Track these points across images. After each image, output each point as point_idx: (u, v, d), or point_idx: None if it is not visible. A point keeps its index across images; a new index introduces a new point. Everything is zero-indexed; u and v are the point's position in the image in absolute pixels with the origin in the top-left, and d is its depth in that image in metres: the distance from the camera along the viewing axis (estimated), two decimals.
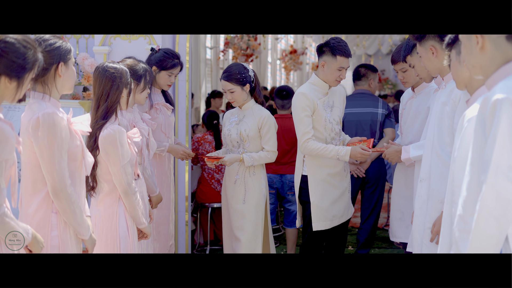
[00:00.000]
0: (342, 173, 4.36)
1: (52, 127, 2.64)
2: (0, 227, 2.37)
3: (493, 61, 2.11)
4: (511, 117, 1.93)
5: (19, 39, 2.35)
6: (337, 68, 4.14)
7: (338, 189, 4.32)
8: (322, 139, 4.22)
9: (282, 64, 16.68)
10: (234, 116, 4.42)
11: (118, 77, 3.22)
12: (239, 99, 4.31)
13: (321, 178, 4.25)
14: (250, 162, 4.24)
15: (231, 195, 4.37)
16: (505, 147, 1.94)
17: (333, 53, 4.11)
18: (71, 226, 2.79)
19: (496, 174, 1.95)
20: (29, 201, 2.77)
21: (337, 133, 4.30)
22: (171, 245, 4.60)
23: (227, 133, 4.39)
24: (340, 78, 4.19)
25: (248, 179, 4.31)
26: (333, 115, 4.26)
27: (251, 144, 4.31)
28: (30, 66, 2.38)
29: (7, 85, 2.34)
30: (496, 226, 1.95)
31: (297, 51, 15.89)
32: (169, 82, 4.45)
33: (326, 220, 4.27)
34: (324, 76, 4.21)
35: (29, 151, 2.70)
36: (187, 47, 5.11)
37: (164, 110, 4.41)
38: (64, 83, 2.81)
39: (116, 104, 3.21)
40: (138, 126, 3.61)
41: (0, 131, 2.30)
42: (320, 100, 4.19)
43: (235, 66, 4.35)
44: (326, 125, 4.21)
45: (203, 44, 11.16)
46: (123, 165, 3.16)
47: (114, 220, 3.23)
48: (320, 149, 4.11)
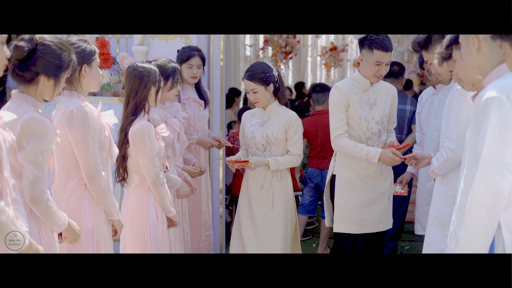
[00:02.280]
0: (377, 177, 4.11)
1: (85, 117, 2.92)
2: (45, 211, 2.65)
3: (489, 61, 2.25)
4: (500, 114, 2.10)
5: (55, 42, 2.67)
6: (374, 62, 3.94)
7: (370, 192, 4.08)
8: (355, 137, 4.04)
9: (322, 61, 16.74)
10: (256, 118, 4.19)
11: (146, 75, 3.44)
12: (263, 100, 4.10)
13: (349, 178, 4.06)
14: (276, 167, 4.04)
15: (256, 201, 4.15)
16: (494, 142, 2.11)
17: (370, 47, 3.92)
18: (104, 208, 3.06)
19: (486, 167, 2.12)
20: (63, 188, 3.04)
21: (374, 133, 4.06)
22: (207, 235, 4.80)
23: (250, 135, 4.15)
24: (379, 73, 3.97)
25: (275, 185, 4.12)
26: (372, 114, 4.04)
27: (278, 147, 4.11)
28: (66, 66, 2.70)
29: (46, 84, 2.67)
30: (486, 216, 2.12)
31: (337, 48, 15.93)
32: (192, 74, 4.59)
33: (352, 224, 4.07)
34: (363, 71, 4.04)
35: (64, 142, 2.97)
36: (221, 46, 5.33)
37: (194, 105, 4.63)
38: (89, 83, 3.09)
39: (145, 101, 3.44)
40: (169, 122, 3.85)
41: (41, 123, 2.59)
42: (357, 96, 4.01)
43: (258, 65, 4.13)
44: (360, 123, 4.03)
45: (242, 42, 11.36)
46: (151, 158, 3.38)
47: (145, 209, 3.46)
48: (350, 146, 3.94)
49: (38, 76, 2.65)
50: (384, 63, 3.94)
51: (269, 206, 4.12)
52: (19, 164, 2.59)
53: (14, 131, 2.55)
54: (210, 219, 4.86)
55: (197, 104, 4.68)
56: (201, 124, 4.72)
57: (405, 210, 5.58)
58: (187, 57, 4.58)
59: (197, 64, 4.61)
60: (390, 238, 5.54)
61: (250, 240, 4.13)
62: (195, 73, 4.61)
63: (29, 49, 2.60)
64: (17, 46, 2.59)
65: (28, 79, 2.64)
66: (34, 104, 2.65)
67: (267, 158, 4.06)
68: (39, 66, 2.63)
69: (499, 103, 2.11)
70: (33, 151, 2.56)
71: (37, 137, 2.57)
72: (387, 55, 3.94)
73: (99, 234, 3.05)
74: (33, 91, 2.67)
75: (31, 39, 2.61)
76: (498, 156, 2.10)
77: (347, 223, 4.07)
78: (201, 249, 4.70)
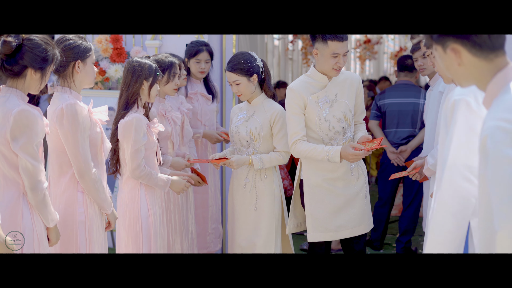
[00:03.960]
0: (348, 177, 3.76)
1: (75, 116, 3.01)
2: (43, 200, 2.77)
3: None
4: (467, 117, 2.02)
5: (40, 37, 2.80)
6: (330, 55, 3.58)
7: (342, 196, 3.74)
8: (317, 140, 3.72)
9: (356, 54, 16.61)
10: (242, 112, 3.98)
11: (138, 70, 3.50)
12: (246, 92, 3.86)
13: (316, 183, 3.73)
14: (260, 165, 3.80)
15: (240, 201, 3.95)
16: (460, 146, 2.03)
17: (324, 39, 3.56)
18: (96, 202, 3.15)
19: (452, 173, 2.04)
20: (57, 183, 3.14)
21: (338, 132, 3.71)
22: (213, 228, 4.84)
23: (235, 131, 3.95)
24: (338, 66, 3.61)
25: (259, 184, 3.89)
26: (333, 112, 3.69)
27: (262, 143, 3.88)
28: (51, 59, 2.83)
29: (33, 76, 2.81)
30: (453, 222, 2.04)
31: (371, 41, 15.79)
32: (200, 69, 4.64)
33: (327, 231, 3.75)
34: (320, 66, 3.68)
35: (56, 138, 3.07)
36: (234, 40, 5.36)
37: (202, 99, 4.68)
38: (82, 79, 3.16)
39: (136, 95, 3.50)
40: (169, 115, 3.91)
41: (32, 115, 2.73)
42: (313, 96, 3.67)
43: (240, 54, 3.87)
44: (321, 124, 3.69)
45: (270, 35, 11.38)
46: (134, 150, 3.44)
47: (136, 202, 3.53)
48: (309, 150, 3.62)
49: (26, 69, 2.77)
50: (341, 53, 3.59)
51: (252, 206, 3.90)
52: (13, 154, 2.72)
53: (6, 123, 2.68)
54: (218, 212, 4.90)
55: (204, 99, 4.73)
56: (209, 118, 4.76)
57: (418, 205, 5.53)
58: (195, 52, 4.63)
59: (205, 59, 4.66)
60: (403, 233, 5.50)
61: (235, 240, 3.99)
62: (203, 68, 4.66)
63: (17, 44, 2.72)
64: (5, 42, 2.72)
65: (16, 73, 2.77)
66: (22, 97, 2.78)
67: (251, 156, 3.84)
68: (27, 60, 2.75)
69: (467, 105, 2.03)
70: (29, 143, 2.71)
71: (30, 129, 2.71)
72: (343, 45, 3.58)
73: (92, 226, 3.13)
74: (21, 84, 2.79)
75: (18, 36, 2.74)
76: (465, 161, 2.03)
77: (321, 231, 3.76)
78: (208, 242, 4.75)
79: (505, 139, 1.61)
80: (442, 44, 1.79)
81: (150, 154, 3.54)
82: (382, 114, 5.60)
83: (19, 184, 2.77)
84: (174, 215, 4.01)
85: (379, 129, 5.57)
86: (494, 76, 1.77)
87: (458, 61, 1.77)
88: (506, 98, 1.69)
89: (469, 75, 1.79)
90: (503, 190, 1.59)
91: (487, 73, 1.77)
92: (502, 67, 1.77)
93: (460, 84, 1.89)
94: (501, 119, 1.62)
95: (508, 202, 1.58)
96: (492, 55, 1.75)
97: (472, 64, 1.76)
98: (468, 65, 1.76)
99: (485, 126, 1.67)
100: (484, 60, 1.75)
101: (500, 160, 1.60)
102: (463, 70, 1.78)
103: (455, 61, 1.77)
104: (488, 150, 1.63)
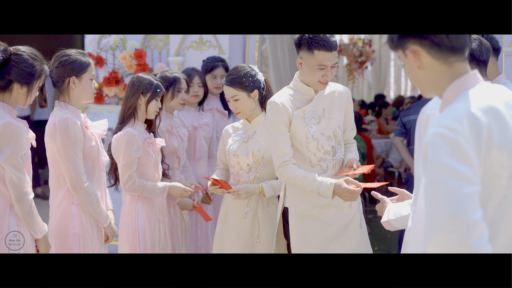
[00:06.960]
0: (338, 204, 3.25)
1: (66, 130, 3.07)
2: (29, 212, 2.84)
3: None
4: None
5: (28, 52, 2.86)
6: (316, 66, 3.12)
7: (333, 226, 3.25)
8: (305, 161, 3.23)
9: None
10: (239, 132, 3.59)
11: (136, 85, 3.57)
12: (245, 109, 3.49)
13: (304, 212, 3.24)
14: (272, 194, 3.45)
15: (240, 230, 3.52)
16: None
17: (310, 47, 3.10)
18: (91, 215, 3.19)
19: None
20: (55, 195, 3.22)
21: (327, 152, 3.25)
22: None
23: (232, 153, 3.52)
24: (325, 79, 3.16)
25: (261, 213, 3.51)
26: (321, 129, 3.24)
27: (266, 168, 3.49)
28: (38, 74, 2.88)
29: (19, 91, 2.86)
30: None
31: None
32: (215, 84, 4.65)
33: None
34: (304, 78, 3.23)
35: (51, 152, 3.16)
36: (257, 42, 5.34)
37: (218, 114, 4.70)
38: (79, 94, 3.22)
39: (132, 109, 3.56)
40: (176, 131, 3.96)
41: (17, 128, 2.80)
42: (299, 111, 3.21)
43: (240, 67, 3.53)
44: (308, 143, 3.21)
45: None
46: (124, 164, 3.49)
47: (134, 215, 3.57)
48: (298, 178, 3.11)
49: (12, 84, 2.84)
50: (329, 65, 3.13)
51: (254, 238, 3.50)
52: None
53: None
54: None
55: (220, 114, 4.75)
56: None
57: None
58: (211, 67, 4.67)
59: (221, 74, 4.67)
60: None
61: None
62: (219, 84, 4.68)
63: (3, 58, 2.79)
64: None
65: (3, 87, 2.83)
66: (9, 111, 2.85)
67: (261, 184, 3.45)
68: (13, 74, 2.82)
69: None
70: (14, 155, 2.77)
71: (15, 141, 2.77)
72: (332, 55, 3.12)
73: (86, 239, 3.18)
74: (7, 98, 2.86)
75: (5, 50, 2.81)
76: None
77: None
78: None
79: (446, 147, 1.57)
80: (403, 47, 1.77)
81: (148, 168, 3.59)
82: (407, 130, 5.47)
83: (6, 196, 2.83)
84: (181, 230, 4.02)
85: (404, 146, 5.44)
86: (451, 83, 1.73)
87: (417, 63, 1.74)
88: (456, 107, 1.64)
89: (428, 81, 1.76)
90: (437, 201, 1.55)
91: (445, 79, 1.73)
92: (461, 74, 1.73)
93: (422, 93, 1.84)
94: (444, 126, 1.59)
95: (440, 214, 1.53)
96: (451, 58, 1.72)
97: (431, 68, 1.73)
98: (428, 68, 1.73)
99: (428, 132, 1.63)
100: (444, 63, 1.72)
101: (437, 168, 1.56)
102: (423, 74, 1.75)
103: (414, 63, 1.75)
104: (428, 158, 1.59)
